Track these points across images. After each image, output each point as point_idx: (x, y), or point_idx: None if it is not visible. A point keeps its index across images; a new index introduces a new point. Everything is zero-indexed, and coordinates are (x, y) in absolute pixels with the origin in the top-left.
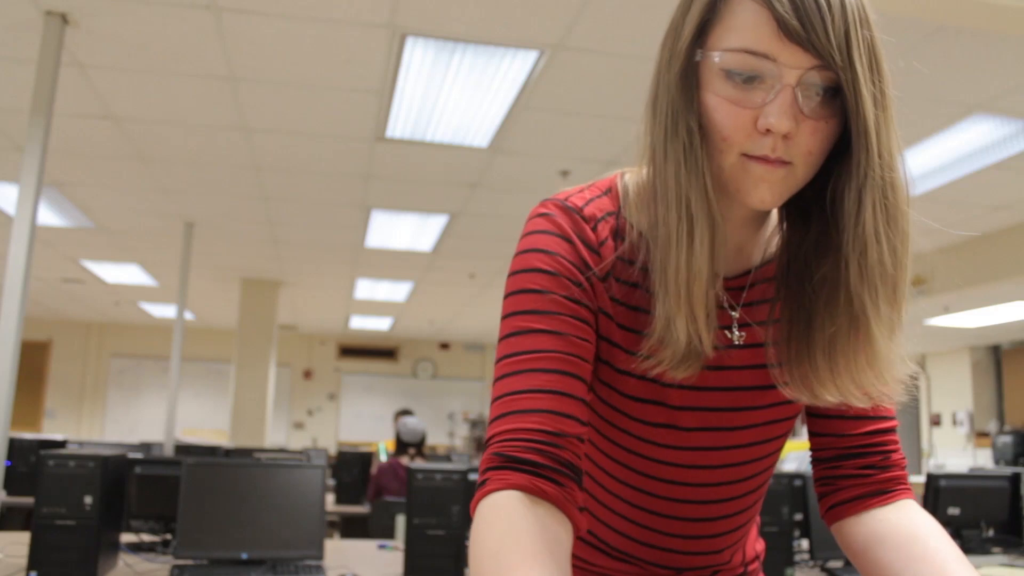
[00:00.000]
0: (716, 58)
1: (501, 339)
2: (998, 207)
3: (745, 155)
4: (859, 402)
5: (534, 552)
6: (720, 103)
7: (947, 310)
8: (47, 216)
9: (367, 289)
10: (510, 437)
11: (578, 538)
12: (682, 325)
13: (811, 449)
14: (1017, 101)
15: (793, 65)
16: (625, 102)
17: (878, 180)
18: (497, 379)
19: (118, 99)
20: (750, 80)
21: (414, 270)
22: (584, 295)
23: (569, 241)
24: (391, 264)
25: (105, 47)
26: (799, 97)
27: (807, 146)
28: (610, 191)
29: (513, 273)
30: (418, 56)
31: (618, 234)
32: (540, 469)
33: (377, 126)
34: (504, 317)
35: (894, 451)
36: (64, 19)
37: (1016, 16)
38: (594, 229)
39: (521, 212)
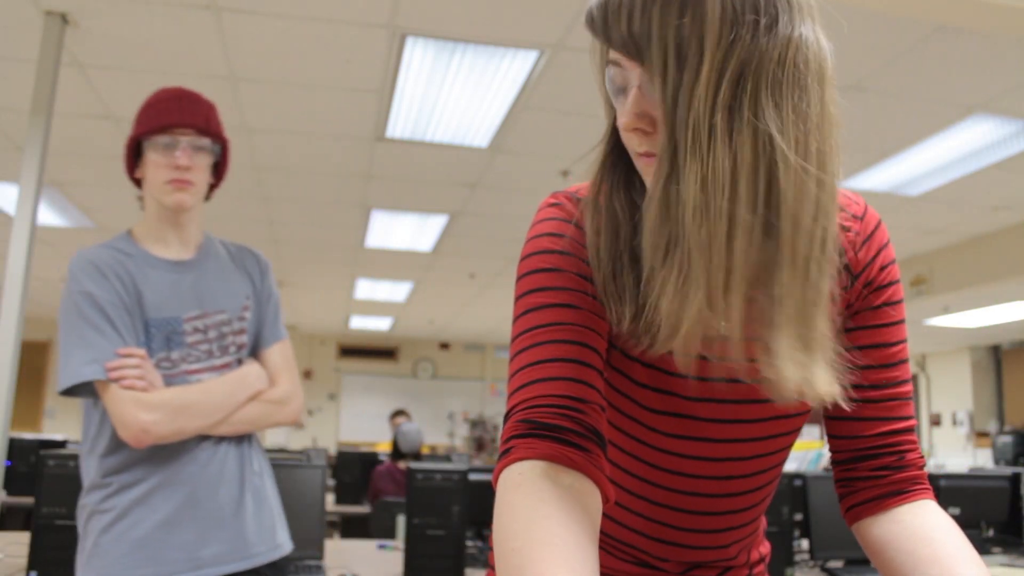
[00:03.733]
0: (606, 73)
1: (516, 318)
2: (998, 207)
3: (635, 154)
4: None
5: (560, 552)
6: (617, 112)
7: (947, 310)
8: (47, 216)
9: (367, 289)
10: (536, 404)
11: None
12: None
13: (830, 451)
14: (1017, 101)
15: (631, 67)
16: None
17: (662, 162)
18: (515, 353)
19: (118, 99)
20: (622, 91)
21: (414, 270)
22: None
23: (580, 228)
24: (391, 264)
25: (105, 47)
26: (647, 95)
27: None
28: None
29: (525, 256)
30: (418, 56)
31: None
32: (567, 435)
33: (377, 126)
34: (518, 298)
35: (910, 451)
36: (64, 19)
37: (1016, 16)
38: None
39: (521, 212)
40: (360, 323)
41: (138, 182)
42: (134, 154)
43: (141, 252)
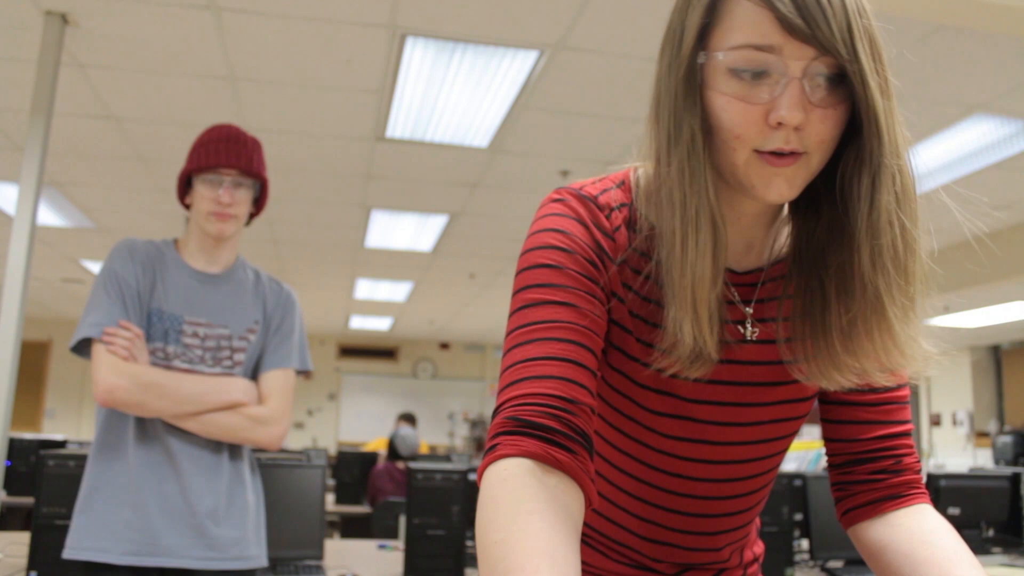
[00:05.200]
0: (721, 57)
1: (512, 313)
2: (998, 207)
3: (757, 151)
4: (882, 379)
5: (543, 547)
6: (729, 102)
7: (947, 310)
8: (47, 216)
9: (367, 289)
10: (524, 401)
11: None
12: (688, 328)
13: (827, 454)
14: (1017, 101)
15: (797, 57)
16: (625, 102)
17: (889, 165)
18: (509, 349)
19: (118, 99)
20: (757, 76)
21: (414, 270)
22: (599, 275)
23: (584, 225)
24: (391, 264)
25: (105, 47)
26: (807, 88)
27: (819, 135)
28: (623, 184)
29: (526, 251)
30: (418, 56)
31: (631, 224)
32: (554, 435)
33: (377, 126)
34: (516, 292)
35: (907, 455)
36: (64, 19)
37: (1016, 16)
38: (608, 217)
39: (521, 212)
40: (360, 323)
41: (187, 206)
42: (185, 183)
43: (174, 256)
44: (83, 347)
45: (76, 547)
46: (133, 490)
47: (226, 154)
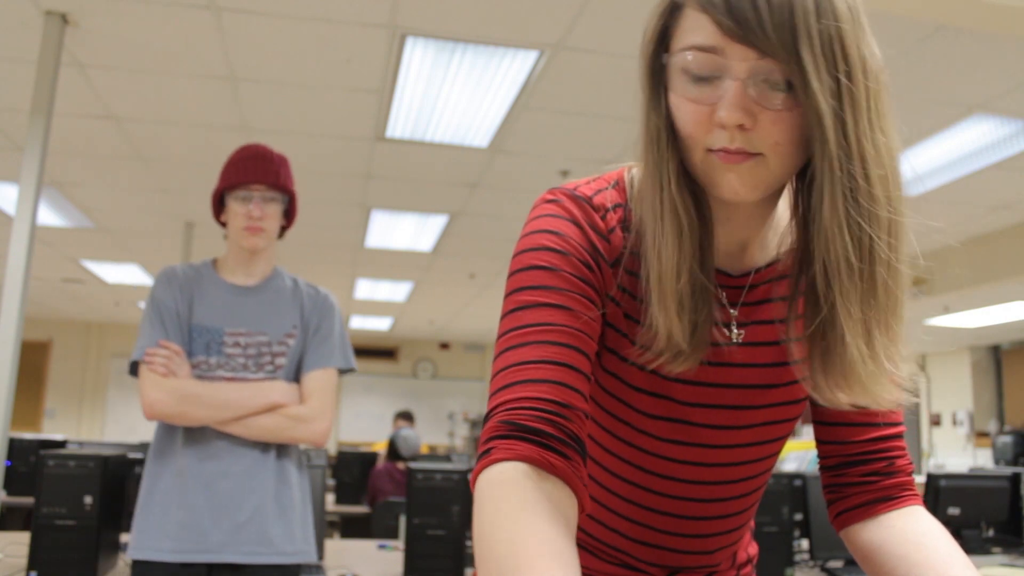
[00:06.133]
0: (673, 59)
1: (505, 314)
2: (998, 207)
3: (709, 150)
4: (868, 404)
5: (549, 547)
6: (681, 102)
7: (947, 310)
8: (47, 216)
9: (367, 289)
10: (518, 405)
11: None
12: (660, 321)
13: (818, 456)
14: (1017, 101)
15: (741, 58)
16: (625, 102)
17: (838, 171)
18: (501, 352)
19: (118, 99)
20: (706, 79)
21: (414, 270)
22: (593, 277)
23: (578, 225)
24: (391, 264)
25: (105, 47)
26: (752, 90)
27: (772, 136)
28: (617, 184)
29: (519, 252)
30: (418, 56)
31: (626, 225)
32: (549, 440)
33: (377, 126)
34: (509, 294)
35: (899, 457)
36: (64, 19)
37: (1016, 16)
38: (603, 218)
39: (521, 212)
40: (360, 323)
41: (223, 224)
42: (219, 203)
43: (211, 274)
44: (134, 368)
45: (137, 547)
46: (183, 492)
47: (254, 171)
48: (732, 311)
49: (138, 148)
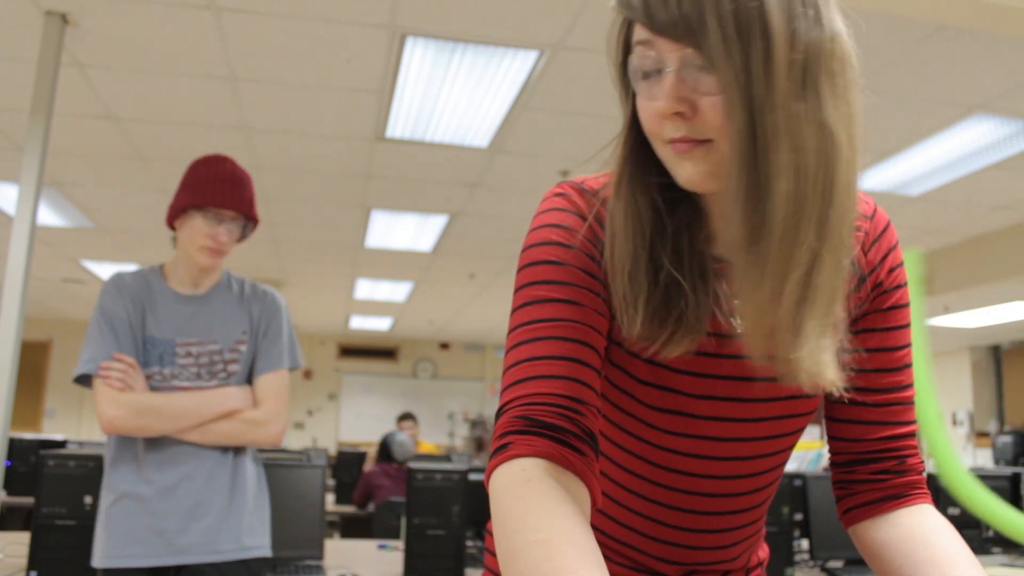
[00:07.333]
0: (630, 62)
1: (515, 310)
2: (998, 207)
3: (666, 142)
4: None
5: (582, 552)
6: (639, 100)
7: (947, 310)
8: (47, 216)
9: (367, 289)
10: (533, 401)
11: None
12: (617, 303)
13: (829, 452)
14: (1017, 101)
15: (671, 49)
16: None
17: (743, 151)
18: (512, 347)
19: (118, 99)
20: (651, 75)
21: (414, 270)
22: (600, 271)
23: (584, 219)
24: (391, 264)
25: (105, 47)
26: (688, 79)
27: (714, 121)
28: None
29: (528, 247)
30: (418, 56)
31: None
32: (566, 436)
33: (377, 126)
34: (518, 289)
35: (910, 456)
36: (64, 19)
37: (1016, 16)
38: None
39: (521, 212)
40: (360, 323)
41: (174, 229)
42: (179, 208)
43: (160, 283)
44: (84, 379)
45: (106, 556)
46: (148, 498)
47: (231, 197)
48: (736, 301)
49: (138, 148)
